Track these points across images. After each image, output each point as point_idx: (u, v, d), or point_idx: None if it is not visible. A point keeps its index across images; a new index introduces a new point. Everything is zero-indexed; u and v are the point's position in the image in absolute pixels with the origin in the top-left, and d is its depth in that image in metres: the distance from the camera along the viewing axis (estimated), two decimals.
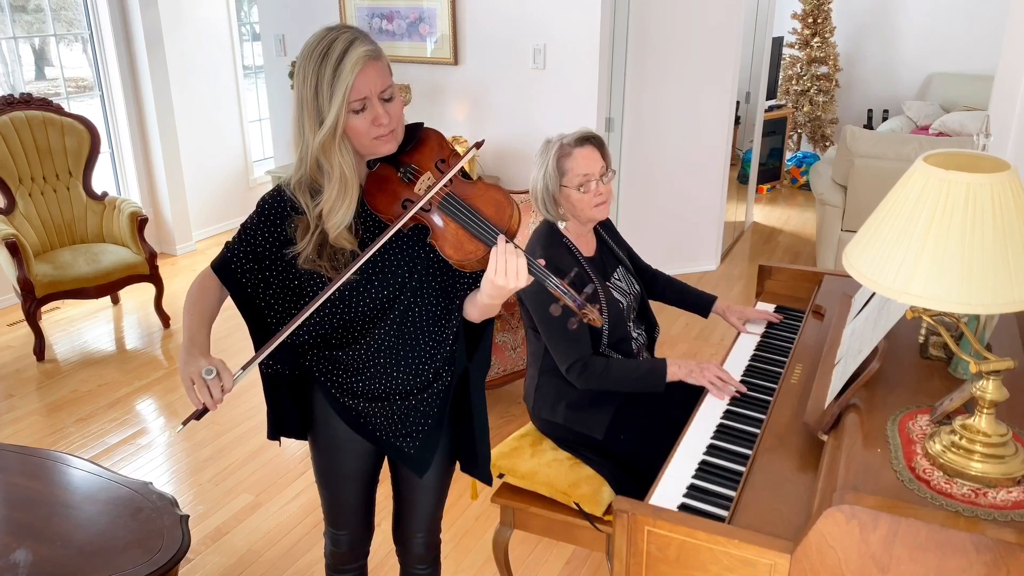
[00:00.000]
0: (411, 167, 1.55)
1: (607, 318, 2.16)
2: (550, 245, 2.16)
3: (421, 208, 1.50)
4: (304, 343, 1.64)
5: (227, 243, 1.63)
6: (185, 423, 1.48)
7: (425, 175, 1.55)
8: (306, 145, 1.48)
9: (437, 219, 1.52)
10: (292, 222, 1.55)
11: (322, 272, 1.54)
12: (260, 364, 1.64)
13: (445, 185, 1.52)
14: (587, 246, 2.25)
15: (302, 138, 1.49)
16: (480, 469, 1.83)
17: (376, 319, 1.61)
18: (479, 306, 1.62)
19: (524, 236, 3.37)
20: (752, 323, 2.33)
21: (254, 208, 1.61)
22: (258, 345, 1.66)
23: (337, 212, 1.49)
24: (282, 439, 1.81)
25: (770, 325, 2.34)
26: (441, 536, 1.96)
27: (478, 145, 1.57)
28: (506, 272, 1.44)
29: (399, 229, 1.50)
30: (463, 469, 1.85)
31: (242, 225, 1.61)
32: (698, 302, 2.46)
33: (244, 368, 1.48)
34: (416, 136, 1.59)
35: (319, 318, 1.60)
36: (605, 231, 2.37)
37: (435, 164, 1.56)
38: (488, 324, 1.75)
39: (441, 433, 1.75)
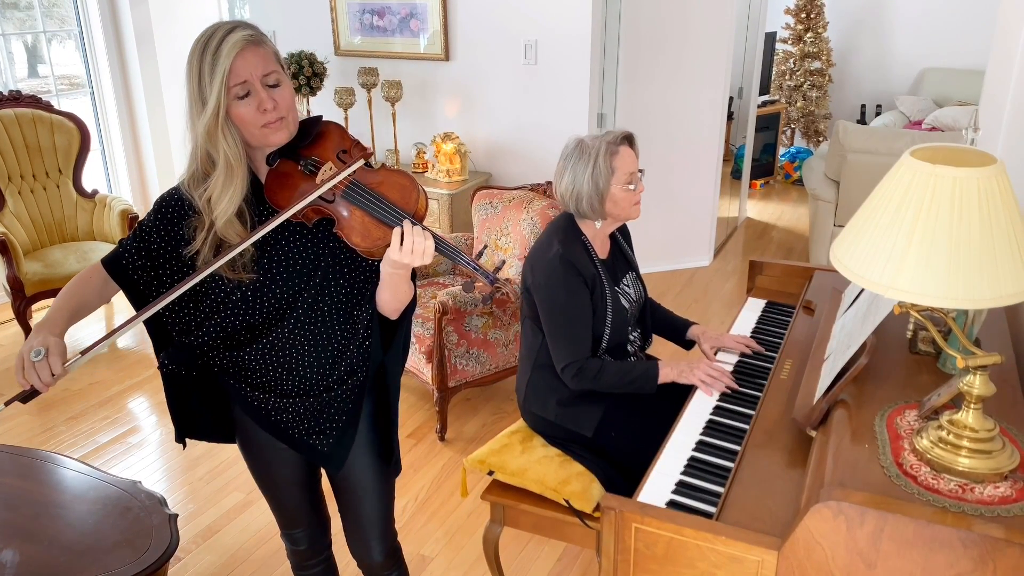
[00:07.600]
0: (312, 159, 1.54)
1: (610, 324, 2.15)
2: (567, 239, 2.14)
3: (324, 199, 1.50)
4: (204, 344, 1.60)
5: (121, 240, 1.60)
6: (8, 403, 1.45)
7: (326, 165, 1.53)
8: (195, 135, 1.48)
9: (342, 209, 1.51)
10: (191, 223, 1.54)
11: (220, 272, 1.52)
12: (159, 364, 1.62)
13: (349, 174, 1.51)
14: (602, 248, 2.24)
15: (192, 129, 1.48)
16: (394, 464, 1.80)
17: (280, 318, 1.58)
18: (383, 279, 1.57)
19: (520, 229, 3.35)
20: (725, 351, 2.19)
21: (152, 206, 1.58)
22: (156, 343, 1.64)
23: (224, 198, 1.48)
24: (188, 441, 1.74)
25: (760, 321, 2.34)
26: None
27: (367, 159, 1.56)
28: (412, 251, 1.44)
29: (301, 213, 1.49)
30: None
31: (139, 223, 1.59)
32: (677, 332, 2.40)
33: (83, 353, 1.44)
34: (316, 129, 1.58)
35: (220, 320, 1.57)
36: (621, 235, 2.35)
37: (336, 155, 1.55)
38: (405, 317, 1.70)
39: (356, 429, 1.71)
